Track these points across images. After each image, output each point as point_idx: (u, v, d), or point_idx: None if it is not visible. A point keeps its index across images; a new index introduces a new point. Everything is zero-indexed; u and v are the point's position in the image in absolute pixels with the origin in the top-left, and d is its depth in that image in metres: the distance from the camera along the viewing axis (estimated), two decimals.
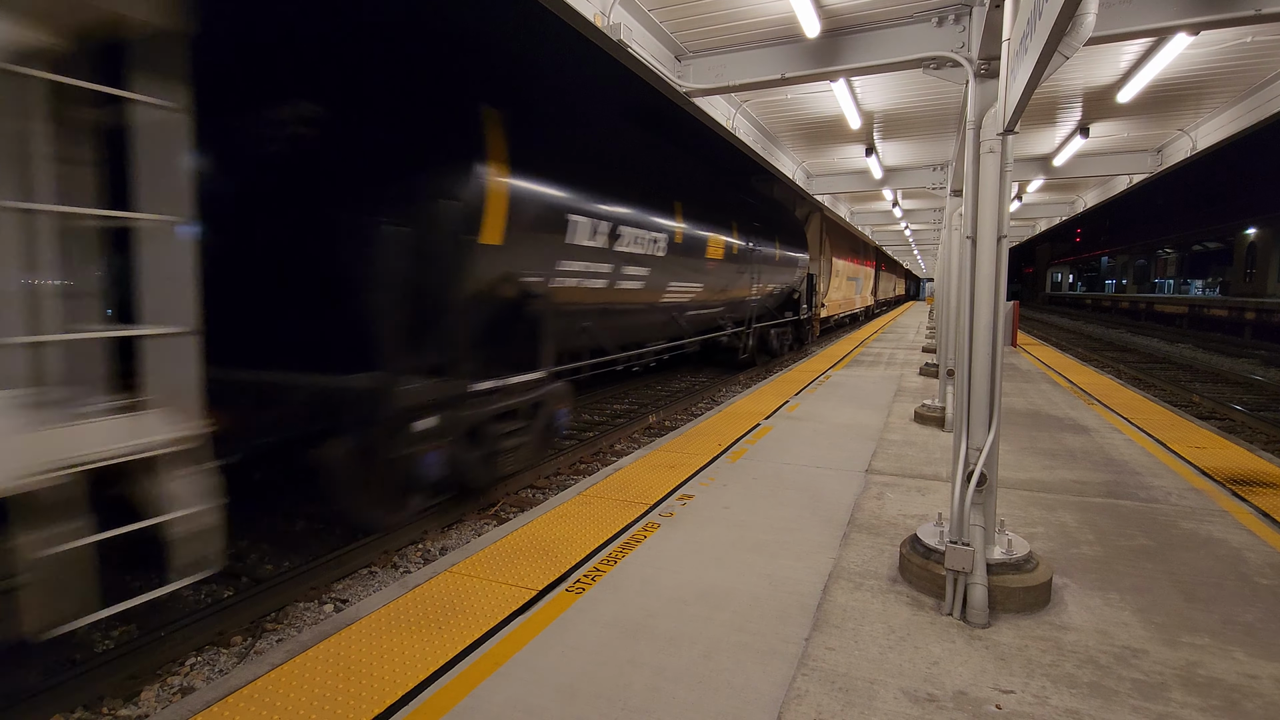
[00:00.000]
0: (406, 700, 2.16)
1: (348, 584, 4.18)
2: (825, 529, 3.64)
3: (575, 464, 6.85)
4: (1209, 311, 26.95)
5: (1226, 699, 2.16)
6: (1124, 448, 5.42)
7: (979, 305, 2.81)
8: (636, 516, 3.84)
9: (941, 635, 2.55)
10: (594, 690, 2.20)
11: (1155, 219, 42.04)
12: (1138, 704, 2.13)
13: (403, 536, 4.73)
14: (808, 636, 2.53)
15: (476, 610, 2.75)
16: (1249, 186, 31.19)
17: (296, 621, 3.75)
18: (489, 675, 2.29)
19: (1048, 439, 5.71)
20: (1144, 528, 3.66)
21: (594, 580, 3.02)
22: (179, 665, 3.31)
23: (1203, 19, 5.08)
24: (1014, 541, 2.93)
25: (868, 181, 14.13)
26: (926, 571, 2.89)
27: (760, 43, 6.73)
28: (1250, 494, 4.22)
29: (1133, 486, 4.40)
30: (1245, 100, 8.76)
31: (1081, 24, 1.92)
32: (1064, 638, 2.53)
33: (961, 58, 4.12)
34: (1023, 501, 4.10)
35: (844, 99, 8.47)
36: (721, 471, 4.74)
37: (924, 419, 6.45)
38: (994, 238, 2.78)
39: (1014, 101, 2.49)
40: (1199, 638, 2.54)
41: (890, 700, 2.15)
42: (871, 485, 4.43)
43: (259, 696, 2.19)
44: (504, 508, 5.58)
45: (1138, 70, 7.47)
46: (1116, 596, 2.87)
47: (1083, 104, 9.32)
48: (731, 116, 9.27)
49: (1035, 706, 2.12)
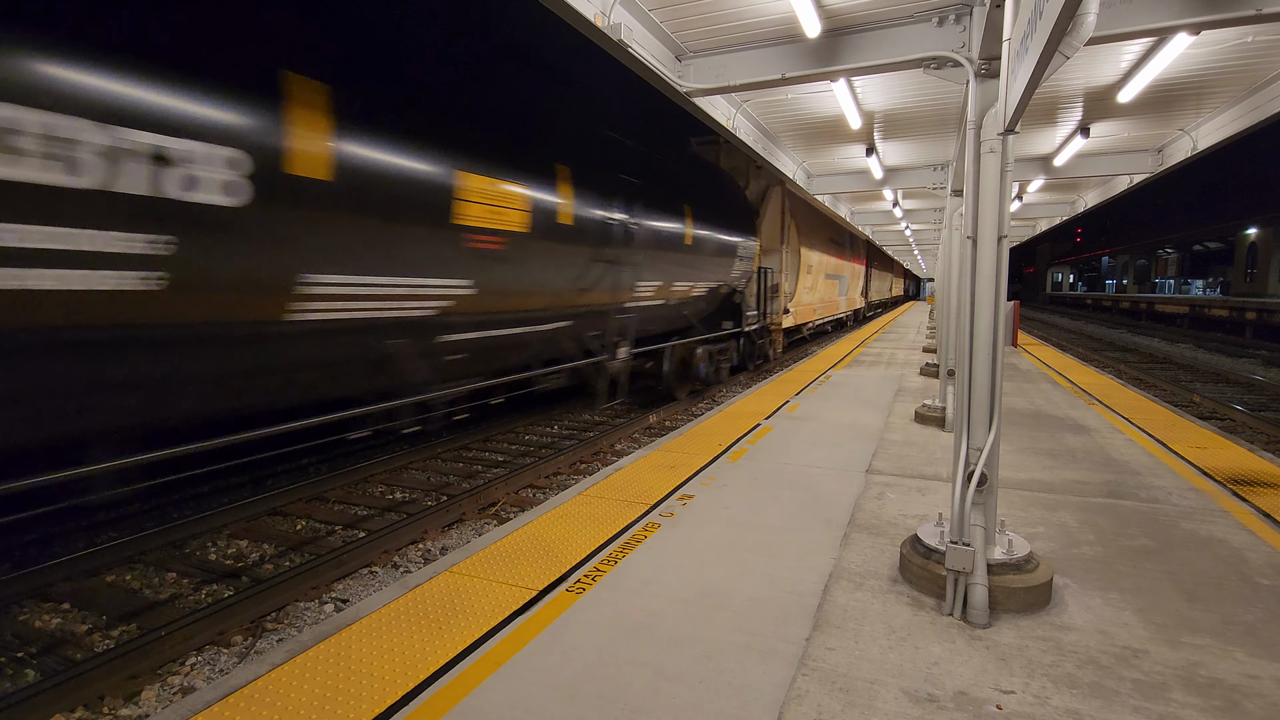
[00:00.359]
0: (407, 700, 2.16)
1: (348, 584, 4.19)
2: (826, 529, 3.64)
3: (575, 464, 6.85)
4: (1210, 311, 26.94)
5: (1227, 699, 2.16)
6: (1125, 448, 5.41)
7: (980, 305, 2.81)
8: (637, 516, 3.84)
9: (942, 635, 2.55)
10: (594, 690, 2.20)
11: (1156, 219, 42.04)
12: (1138, 704, 2.13)
13: (403, 536, 4.73)
14: (808, 636, 2.53)
15: (477, 610, 2.75)
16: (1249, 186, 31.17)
17: (297, 621, 3.76)
18: (489, 675, 2.29)
19: (1048, 439, 5.70)
20: (1145, 528, 3.66)
21: (594, 580, 3.02)
22: (180, 665, 3.31)
23: (1203, 19, 5.07)
24: (1014, 542, 2.93)
25: (868, 181, 14.10)
26: (927, 571, 2.88)
27: (761, 43, 6.72)
28: (1251, 494, 4.22)
29: (1133, 486, 4.39)
30: (1246, 100, 8.75)
31: (1082, 24, 1.92)
32: (1064, 638, 2.53)
33: (962, 58, 4.11)
34: (1023, 501, 4.10)
35: (844, 99, 8.46)
36: (722, 471, 4.73)
37: (924, 419, 6.45)
38: (995, 237, 2.78)
39: (1015, 101, 2.49)
40: (1200, 638, 2.53)
41: (891, 700, 2.15)
42: (872, 485, 4.43)
43: (260, 696, 2.19)
44: (504, 507, 5.58)
45: (1138, 70, 7.46)
46: (1117, 597, 2.87)
47: (1083, 104, 9.31)
48: (732, 117, 9.26)
49: (1036, 707, 2.12)
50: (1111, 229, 50.43)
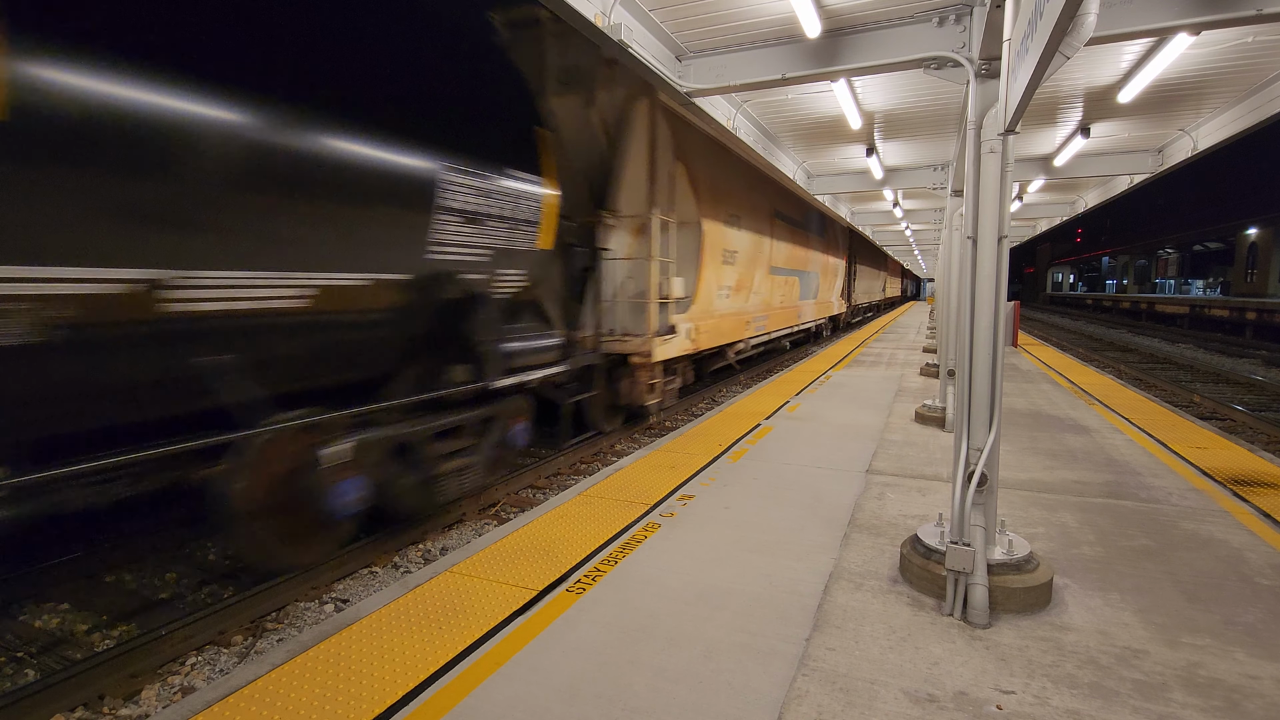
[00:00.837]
0: (407, 700, 2.16)
1: (348, 584, 4.19)
2: (826, 529, 3.64)
3: (576, 464, 6.85)
4: (1210, 312, 26.94)
5: (1228, 700, 2.16)
6: (1125, 448, 5.41)
7: (980, 305, 2.81)
8: (637, 517, 3.84)
9: (942, 636, 2.55)
10: (595, 690, 2.20)
11: (1156, 219, 42.05)
12: (1138, 705, 2.13)
13: (403, 536, 4.73)
14: (808, 637, 2.53)
15: (477, 610, 2.75)
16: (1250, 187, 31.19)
17: (297, 621, 3.75)
18: (490, 675, 2.29)
19: (1048, 439, 5.70)
20: (1145, 528, 3.66)
21: (594, 580, 3.02)
22: (180, 664, 3.31)
23: (1204, 19, 5.08)
24: (1015, 542, 2.93)
25: (868, 182, 14.12)
26: (927, 572, 2.88)
27: (761, 43, 6.73)
28: (1251, 494, 4.22)
29: (1133, 487, 4.39)
30: (1246, 100, 8.76)
31: (1083, 24, 1.92)
32: (1065, 638, 2.53)
33: (962, 58, 4.12)
34: (1023, 502, 4.10)
35: (844, 99, 8.47)
36: (722, 472, 4.73)
37: (925, 419, 6.45)
38: (995, 238, 2.78)
39: (1015, 101, 2.49)
40: (1200, 638, 2.53)
41: (891, 701, 2.15)
42: (872, 485, 4.43)
43: (260, 696, 2.19)
44: (504, 507, 5.58)
45: (1139, 70, 7.47)
46: (1117, 597, 2.86)
47: (1083, 104, 9.32)
48: (732, 117, 9.27)
49: (1036, 707, 2.12)
50: (1111, 229, 50.48)
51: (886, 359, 12.09)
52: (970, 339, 2.86)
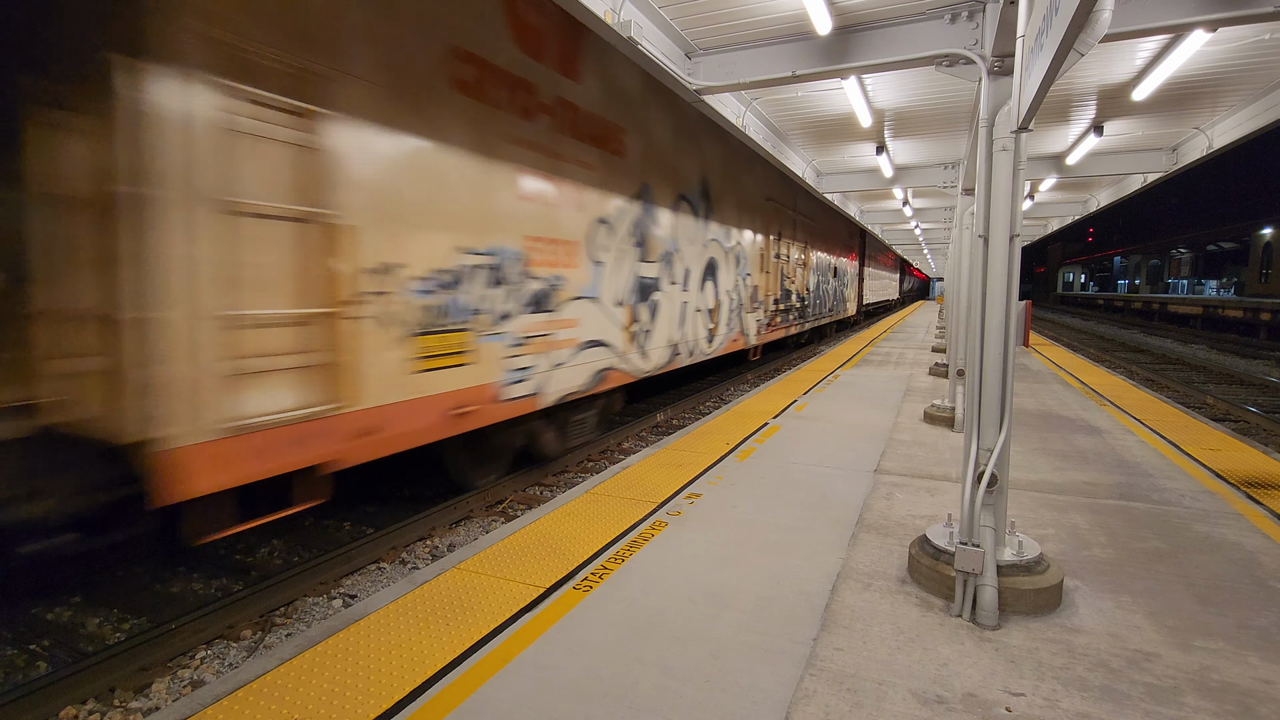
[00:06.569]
0: (415, 696, 2.16)
1: (356, 579, 4.20)
2: (833, 529, 3.62)
3: (583, 462, 6.85)
4: (1223, 312, 26.66)
5: (1241, 704, 2.13)
6: (1136, 449, 5.36)
7: (990, 304, 2.79)
8: (644, 515, 3.83)
9: (951, 637, 2.53)
10: (601, 688, 2.20)
11: (1169, 218, 41.65)
12: (1150, 708, 2.11)
13: (411, 533, 4.75)
14: (816, 637, 2.52)
15: (484, 607, 2.75)
16: (1266, 186, 30.83)
17: (306, 616, 3.78)
18: (497, 672, 2.29)
19: (1059, 440, 5.66)
20: (1157, 530, 3.63)
21: (601, 578, 3.01)
22: (189, 658, 3.33)
23: (1221, 15, 5.01)
24: (1024, 543, 2.91)
25: (878, 180, 14.03)
26: (936, 572, 2.87)
27: (771, 40, 6.69)
28: (1265, 497, 4.17)
29: (1145, 488, 4.35)
30: (1263, 98, 8.64)
31: (1098, 20, 1.89)
32: (1075, 640, 2.51)
33: (975, 55, 4.08)
34: (1033, 503, 4.07)
35: (855, 97, 8.41)
36: (729, 470, 4.72)
37: (933, 419, 6.41)
38: (1006, 236, 2.75)
39: (1028, 99, 2.47)
40: (1213, 642, 2.51)
41: (899, 701, 2.14)
42: (880, 485, 4.41)
43: (269, 690, 2.20)
44: (512, 505, 5.59)
45: (1153, 68, 7.38)
46: (1129, 599, 2.84)
47: (1097, 102, 9.22)
48: (742, 114, 9.23)
49: (1046, 709, 2.10)
50: (1124, 229, 50.05)
51: (895, 358, 12.03)
52: (981, 338, 2.84)
